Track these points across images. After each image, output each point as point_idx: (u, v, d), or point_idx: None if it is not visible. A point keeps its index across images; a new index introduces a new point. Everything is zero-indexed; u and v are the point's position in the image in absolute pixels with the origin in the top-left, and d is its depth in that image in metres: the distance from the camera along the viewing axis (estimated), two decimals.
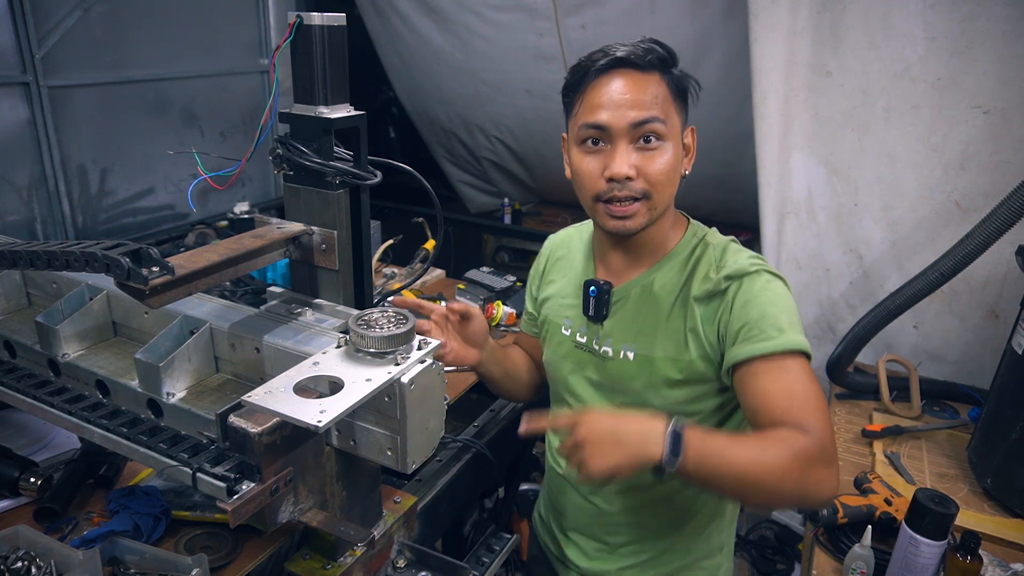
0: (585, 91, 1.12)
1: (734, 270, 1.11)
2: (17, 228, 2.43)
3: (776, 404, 1.01)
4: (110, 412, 1.01)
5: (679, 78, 1.13)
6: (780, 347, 1.03)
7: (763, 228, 2.28)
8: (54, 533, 1.19)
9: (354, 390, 0.84)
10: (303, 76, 1.04)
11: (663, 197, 1.12)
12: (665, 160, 1.10)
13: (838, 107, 2.08)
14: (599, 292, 1.22)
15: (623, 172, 1.08)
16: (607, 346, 1.23)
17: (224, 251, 0.97)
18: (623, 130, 1.08)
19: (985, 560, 1.26)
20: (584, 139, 1.13)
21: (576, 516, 1.35)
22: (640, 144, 1.09)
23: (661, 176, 1.10)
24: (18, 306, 1.26)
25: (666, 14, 2.79)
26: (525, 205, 4.15)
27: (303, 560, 1.10)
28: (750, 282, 1.10)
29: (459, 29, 3.30)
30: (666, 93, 1.10)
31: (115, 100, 2.66)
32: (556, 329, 1.32)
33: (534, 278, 1.44)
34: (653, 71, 1.10)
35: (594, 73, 1.11)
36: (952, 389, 1.96)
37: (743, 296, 1.09)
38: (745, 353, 1.05)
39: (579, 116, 1.13)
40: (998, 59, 1.83)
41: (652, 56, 1.09)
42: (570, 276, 1.34)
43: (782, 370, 1.03)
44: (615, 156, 1.09)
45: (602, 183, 1.11)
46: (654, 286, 1.19)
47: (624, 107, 1.08)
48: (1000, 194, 1.63)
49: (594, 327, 1.25)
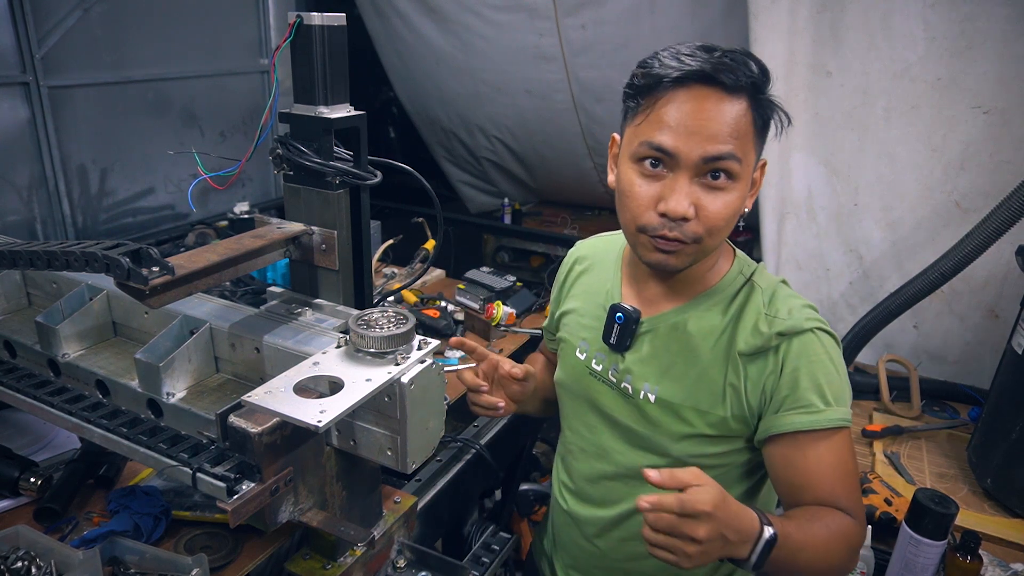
0: (656, 101, 0.95)
1: (787, 327, 1.00)
2: (17, 228, 2.43)
3: (821, 485, 0.98)
4: (110, 412, 1.01)
5: (767, 104, 0.96)
6: (826, 423, 0.98)
7: (763, 228, 2.28)
8: (54, 533, 1.19)
9: (354, 390, 0.84)
10: (303, 76, 1.04)
11: (716, 241, 0.99)
12: (730, 202, 0.96)
13: (838, 107, 2.08)
14: (626, 319, 1.10)
15: (681, 211, 0.94)
16: (627, 382, 1.12)
17: (224, 251, 0.97)
18: (691, 162, 0.93)
19: (985, 560, 1.26)
20: (643, 158, 0.97)
21: (578, 555, 1.27)
22: (706, 180, 0.95)
23: (721, 221, 0.96)
24: (18, 306, 1.26)
25: (666, 14, 2.79)
26: (525, 205, 4.15)
27: (303, 560, 1.10)
28: (801, 344, 1.00)
29: (459, 29, 3.30)
30: (749, 124, 0.94)
31: (115, 100, 2.66)
32: (571, 350, 1.21)
33: (556, 289, 1.34)
34: (741, 95, 0.93)
35: (669, 84, 0.93)
36: (952, 389, 1.96)
37: (794, 360, 1.00)
38: (789, 425, 0.99)
39: (642, 129, 0.96)
40: (998, 59, 1.83)
41: (743, 77, 0.92)
42: (592, 293, 1.21)
43: (828, 448, 0.98)
44: (675, 190, 0.94)
45: (653, 216, 0.96)
46: (688, 325, 1.07)
47: (698, 135, 0.92)
48: (1000, 194, 1.63)
49: (613, 356, 1.14)
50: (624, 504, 1.17)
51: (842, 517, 0.97)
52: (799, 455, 0.99)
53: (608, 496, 1.19)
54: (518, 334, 2.14)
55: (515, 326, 2.16)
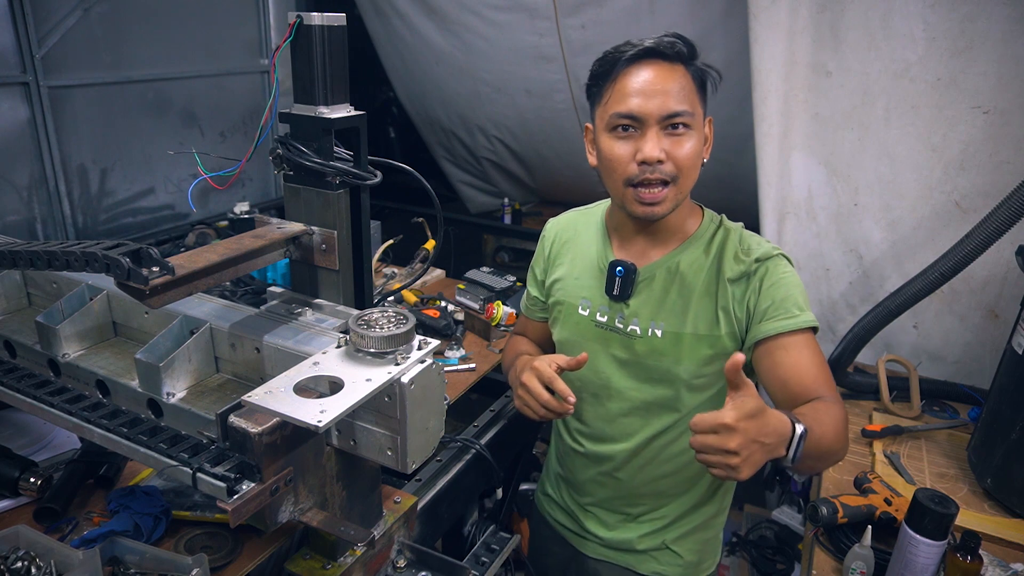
0: (615, 80, 1.17)
1: (761, 253, 1.22)
2: (17, 228, 2.43)
3: (806, 374, 1.16)
4: (110, 412, 1.01)
5: (701, 70, 1.20)
6: (802, 324, 1.17)
7: (763, 228, 2.28)
8: (54, 533, 1.19)
9: (354, 390, 0.84)
10: (303, 76, 1.04)
11: (688, 182, 1.19)
12: (692, 145, 1.17)
13: (838, 107, 2.08)
14: (626, 272, 1.28)
15: (655, 155, 1.14)
16: (634, 325, 1.29)
17: (224, 251, 0.97)
18: (655, 119, 1.14)
19: (985, 560, 1.26)
20: (615, 126, 1.18)
21: (596, 491, 1.43)
22: (669, 131, 1.15)
23: (688, 161, 1.16)
24: (18, 306, 1.26)
25: (666, 14, 2.79)
26: (525, 205, 4.15)
27: (303, 560, 1.10)
28: (774, 265, 1.22)
29: (459, 29, 3.30)
30: (691, 84, 1.17)
31: (115, 100, 2.66)
32: (572, 310, 1.37)
33: (539, 261, 1.48)
34: (679, 62, 1.17)
35: (624, 63, 1.16)
36: (952, 389, 1.96)
37: (770, 278, 1.21)
38: (773, 329, 1.18)
39: (609, 105, 1.18)
40: (998, 59, 1.83)
41: (678, 48, 1.16)
42: (582, 258, 1.38)
43: (805, 345, 1.18)
44: (646, 140, 1.15)
45: (633, 167, 1.17)
46: (680, 266, 1.27)
47: (656, 96, 1.14)
48: (1000, 194, 1.63)
49: (617, 306, 1.31)
50: (641, 434, 1.34)
51: (832, 404, 1.13)
52: (784, 353, 1.18)
53: (625, 431, 1.36)
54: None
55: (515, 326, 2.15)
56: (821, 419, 1.08)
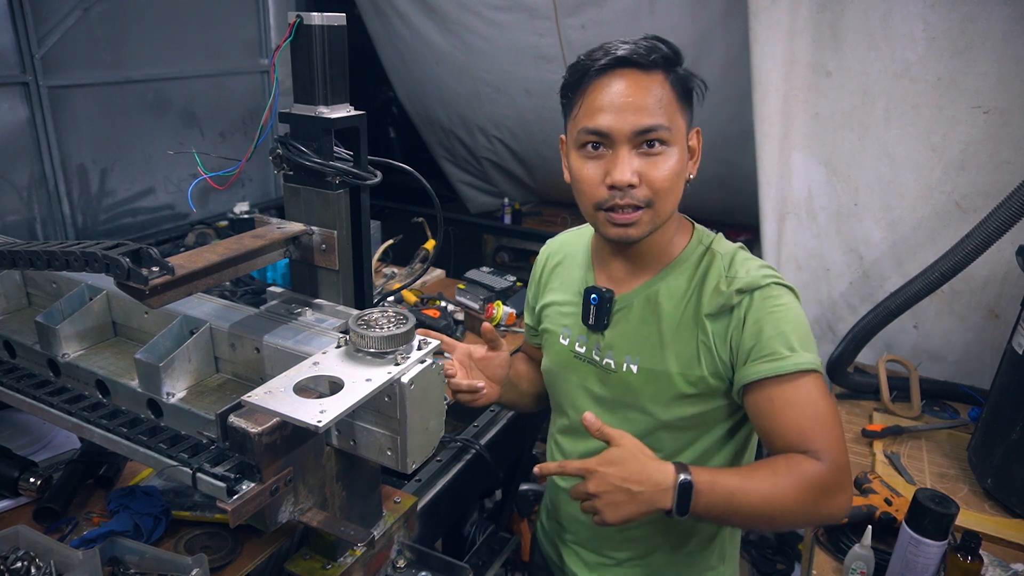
0: (585, 92, 1.06)
1: (745, 283, 1.07)
2: (17, 228, 2.43)
3: (790, 428, 1.01)
4: (110, 412, 1.01)
5: (684, 77, 1.07)
6: (791, 368, 1.01)
7: (763, 228, 2.28)
8: (54, 533, 1.19)
9: (354, 390, 0.84)
10: (303, 76, 1.04)
11: (667, 205, 1.07)
12: (669, 166, 1.04)
13: (838, 107, 2.08)
14: (600, 300, 1.17)
15: (625, 180, 1.02)
16: (609, 358, 1.18)
17: (224, 251, 0.97)
18: (625, 136, 1.03)
19: (985, 560, 1.26)
20: (584, 143, 1.07)
21: (578, 529, 1.33)
22: (643, 149, 1.04)
23: (664, 183, 1.04)
24: (18, 306, 1.26)
25: (666, 14, 2.79)
26: (525, 205, 4.15)
27: (303, 560, 1.09)
28: (761, 297, 1.06)
29: (459, 29, 3.30)
30: (671, 95, 1.05)
31: (115, 100, 2.66)
32: (554, 338, 1.28)
33: (531, 287, 1.39)
34: (657, 71, 1.04)
35: (594, 73, 1.05)
36: (952, 389, 1.96)
37: (755, 313, 1.05)
38: (756, 374, 1.03)
39: (579, 119, 1.08)
40: (998, 59, 1.83)
41: (656, 55, 1.03)
42: (568, 283, 1.29)
43: (795, 391, 1.02)
44: (617, 163, 1.03)
45: (603, 190, 1.06)
46: (659, 296, 1.14)
47: (627, 111, 1.02)
48: (1000, 194, 1.63)
49: (594, 337, 1.20)
50: None
51: (801, 460, 0.99)
52: (767, 402, 1.04)
53: None
54: (518, 334, 2.14)
55: (515, 326, 2.16)
56: (763, 477, 0.98)
